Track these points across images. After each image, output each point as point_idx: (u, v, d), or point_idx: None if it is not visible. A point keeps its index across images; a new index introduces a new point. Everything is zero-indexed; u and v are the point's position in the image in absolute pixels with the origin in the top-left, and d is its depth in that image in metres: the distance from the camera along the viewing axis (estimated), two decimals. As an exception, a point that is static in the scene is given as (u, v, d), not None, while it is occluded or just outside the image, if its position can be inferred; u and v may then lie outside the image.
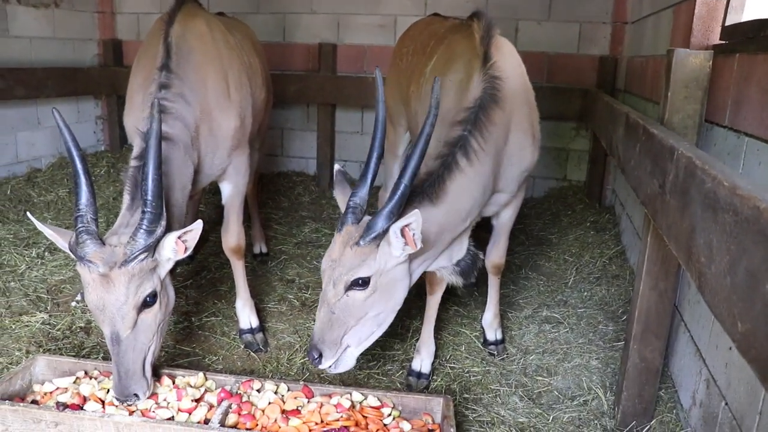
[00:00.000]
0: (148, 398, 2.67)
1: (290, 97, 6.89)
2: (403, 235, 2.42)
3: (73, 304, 4.05)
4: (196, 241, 2.64)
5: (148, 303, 2.55)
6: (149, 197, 2.47)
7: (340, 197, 2.75)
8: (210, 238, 5.30)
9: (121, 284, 2.45)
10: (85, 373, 2.92)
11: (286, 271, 4.82)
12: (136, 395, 2.57)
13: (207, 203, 6.01)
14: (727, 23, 2.97)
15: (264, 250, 5.13)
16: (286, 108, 7.29)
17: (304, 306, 4.21)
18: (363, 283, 2.49)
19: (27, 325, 3.73)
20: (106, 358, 2.93)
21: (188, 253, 2.65)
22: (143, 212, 2.48)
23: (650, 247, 2.84)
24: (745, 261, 1.30)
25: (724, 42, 2.94)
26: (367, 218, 2.54)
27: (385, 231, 2.44)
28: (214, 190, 3.72)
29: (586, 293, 4.49)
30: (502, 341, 3.78)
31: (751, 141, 2.48)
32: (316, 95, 6.95)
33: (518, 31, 6.51)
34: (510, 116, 3.02)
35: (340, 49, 7.02)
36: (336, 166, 2.86)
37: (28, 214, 2.76)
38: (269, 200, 6.54)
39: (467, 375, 3.48)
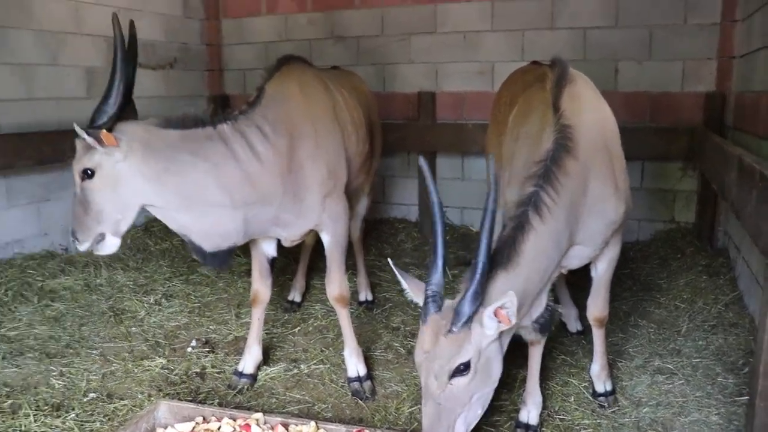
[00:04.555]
0: None
1: (391, 145, 6.99)
2: (496, 315, 2.46)
3: (189, 349, 4.26)
4: None
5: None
6: None
7: (413, 289, 2.77)
8: (316, 285, 5.44)
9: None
10: (204, 418, 3.06)
11: (391, 318, 4.87)
12: None
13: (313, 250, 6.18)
14: None
15: (369, 297, 5.21)
16: (387, 156, 7.41)
17: (410, 354, 4.23)
18: (465, 368, 2.51)
19: (147, 369, 3.94)
20: (222, 403, 3.06)
21: None
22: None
23: (773, 297, 2.71)
24: None
25: None
26: (448, 302, 2.59)
27: (475, 313, 2.47)
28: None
29: (701, 342, 4.28)
30: (613, 392, 3.66)
31: None
32: (416, 143, 7.06)
33: (618, 72, 6.41)
34: (587, 165, 2.95)
35: (438, 96, 7.13)
36: (390, 261, 2.87)
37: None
38: (372, 247, 6.65)
39: (577, 427, 3.39)
